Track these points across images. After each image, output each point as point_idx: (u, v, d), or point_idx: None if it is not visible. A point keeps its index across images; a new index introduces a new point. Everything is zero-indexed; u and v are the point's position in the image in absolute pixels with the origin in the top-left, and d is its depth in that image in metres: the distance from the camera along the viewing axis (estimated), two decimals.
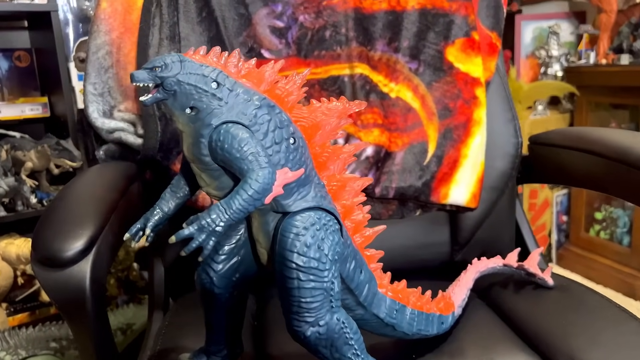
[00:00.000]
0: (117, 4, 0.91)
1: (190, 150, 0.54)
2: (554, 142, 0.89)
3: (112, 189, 0.66)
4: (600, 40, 2.15)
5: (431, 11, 0.94)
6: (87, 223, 0.56)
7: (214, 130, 0.52)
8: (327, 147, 0.59)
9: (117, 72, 0.90)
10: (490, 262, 0.86)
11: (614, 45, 2.11)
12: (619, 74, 2.00)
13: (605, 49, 2.13)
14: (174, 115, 0.54)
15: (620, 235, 2.15)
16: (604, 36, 2.14)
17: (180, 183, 0.60)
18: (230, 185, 0.55)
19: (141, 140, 0.85)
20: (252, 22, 0.92)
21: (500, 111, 0.96)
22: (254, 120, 0.53)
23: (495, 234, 1.00)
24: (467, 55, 0.93)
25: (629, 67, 1.98)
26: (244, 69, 0.56)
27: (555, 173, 0.90)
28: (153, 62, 0.52)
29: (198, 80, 0.52)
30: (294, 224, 0.55)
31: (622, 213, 2.15)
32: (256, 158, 0.51)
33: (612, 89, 2.09)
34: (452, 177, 0.91)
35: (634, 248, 2.04)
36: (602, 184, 0.81)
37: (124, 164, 0.81)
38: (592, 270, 2.18)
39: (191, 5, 0.90)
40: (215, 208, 0.51)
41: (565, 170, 0.87)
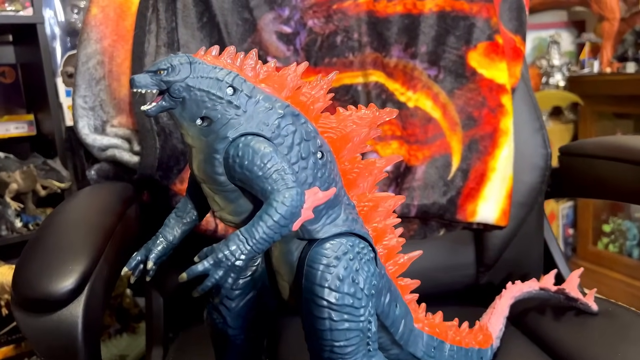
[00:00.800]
0: (109, 10, 0.83)
1: (202, 169, 0.46)
2: (589, 153, 0.81)
3: (107, 214, 0.58)
4: (603, 49, 2.10)
5: (450, 14, 0.87)
6: (78, 256, 0.47)
7: (230, 144, 0.44)
8: (358, 161, 0.51)
9: (110, 83, 0.82)
10: (525, 286, 0.78)
11: (618, 53, 2.07)
12: (625, 82, 1.95)
13: (609, 57, 2.08)
14: (182, 127, 0.45)
15: (630, 248, 2.08)
16: (607, 44, 2.09)
17: (186, 207, 0.52)
18: (249, 209, 0.46)
19: (137, 158, 0.76)
20: (257, 28, 0.84)
21: (527, 120, 0.89)
22: (277, 131, 0.45)
23: (523, 253, 0.92)
24: (491, 60, 0.86)
25: (635, 75, 1.93)
26: (263, 73, 0.48)
27: (590, 186, 0.83)
28: (157, 64, 0.44)
29: (211, 85, 0.44)
30: (323, 253, 0.47)
31: (631, 225, 2.09)
32: (282, 176, 0.43)
33: (617, 98, 2.04)
34: (479, 193, 0.83)
35: None
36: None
37: (119, 184, 0.72)
38: (601, 285, 2.11)
39: (191, 9, 0.82)
40: (234, 238, 0.42)
41: (602, 183, 0.80)
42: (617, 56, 2.06)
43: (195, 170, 0.47)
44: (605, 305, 0.76)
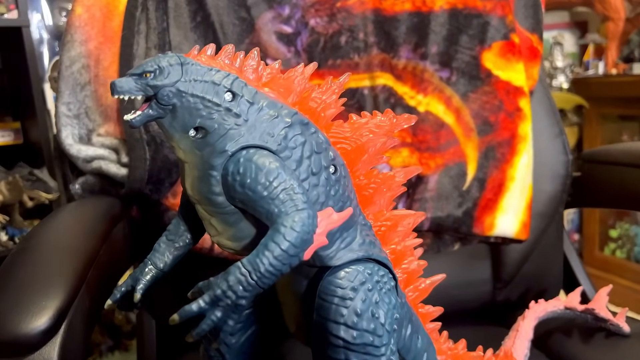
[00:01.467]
0: (94, 10, 0.76)
1: (196, 188, 0.39)
2: (616, 160, 0.75)
3: (90, 235, 0.51)
4: (608, 50, 2.05)
5: (463, 11, 0.81)
6: (53, 289, 0.40)
7: (229, 159, 0.38)
8: (375, 175, 0.45)
9: (96, 89, 0.75)
10: (549, 306, 0.72)
11: (624, 54, 2.01)
12: (632, 84, 1.90)
13: (614, 58, 2.03)
14: (173, 139, 0.39)
15: (638, 254, 2.03)
16: (612, 45, 2.04)
17: (179, 229, 0.45)
18: (251, 233, 0.40)
19: (126, 170, 0.70)
20: (255, 28, 0.78)
21: (546, 125, 0.83)
22: (283, 143, 0.39)
23: (542, 268, 0.86)
24: (507, 60, 0.80)
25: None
26: (266, 75, 0.41)
27: (617, 195, 0.77)
28: (143, 66, 0.38)
29: (206, 90, 0.38)
30: (337, 283, 0.41)
31: (639, 230, 2.03)
32: (290, 196, 0.37)
33: (622, 100, 1.98)
34: (497, 204, 0.77)
35: None
36: None
37: (105, 200, 0.66)
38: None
39: (183, 8, 0.75)
40: (234, 271, 0.36)
41: (632, 193, 0.74)
42: (623, 57, 2.01)
43: (188, 189, 0.40)
44: (638, 326, 0.69)
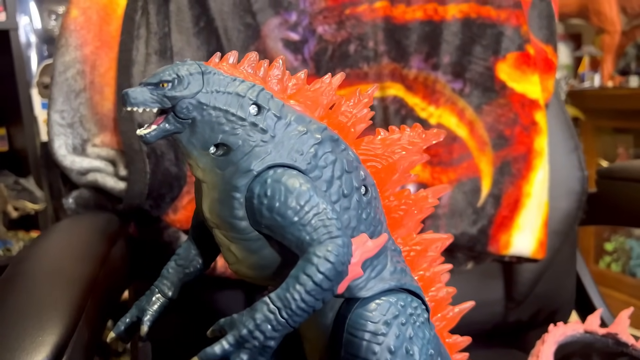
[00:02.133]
0: (91, 12, 0.72)
1: (215, 211, 0.35)
2: (636, 177, 0.72)
3: (88, 258, 0.47)
4: (604, 62, 2.05)
5: (476, 21, 0.78)
6: (51, 321, 0.36)
7: (254, 180, 0.34)
8: (406, 196, 0.41)
9: (91, 96, 0.71)
10: (569, 329, 0.68)
11: (620, 67, 2.01)
12: (628, 97, 1.89)
13: (610, 71, 2.02)
14: (191, 156, 0.35)
15: (633, 267, 2.01)
16: (608, 58, 2.03)
17: (189, 253, 0.41)
18: (275, 262, 0.36)
19: (124, 184, 0.65)
20: (260, 34, 0.74)
21: (561, 139, 0.80)
22: (313, 162, 0.35)
23: (555, 288, 0.83)
24: (522, 72, 0.77)
25: (638, 89, 1.88)
26: (291, 87, 0.37)
27: (636, 213, 0.74)
28: (160, 74, 0.34)
29: (230, 103, 0.34)
30: (368, 317, 0.37)
31: (635, 243, 2.02)
32: (324, 222, 0.33)
33: (618, 113, 1.98)
34: (513, 222, 0.74)
35: None
36: None
37: (102, 216, 0.61)
38: None
39: (185, 13, 0.71)
40: (262, 307, 0.32)
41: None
42: (619, 70, 2.01)
43: (206, 212, 0.36)
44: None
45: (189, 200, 0.67)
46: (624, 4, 1.97)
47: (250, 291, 0.72)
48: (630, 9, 1.99)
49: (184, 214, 0.66)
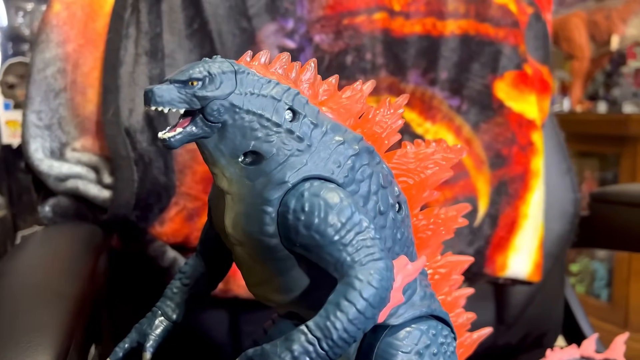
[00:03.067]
0: (75, 8, 0.67)
1: (241, 226, 0.32)
2: (631, 201, 0.72)
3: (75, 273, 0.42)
4: (573, 87, 2.10)
5: (474, 38, 0.77)
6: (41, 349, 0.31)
7: (288, 193, 0.30)
8: (436, 215, 0.38)
9: (72, 96, 0.66)
10: (565, 355, 0.67)
11: (588, 92, 2.06)
12: (596, 122, 1.94)
13: (579, 96, 2.07)
14: (217, 165, 0.31)
15: (598, 289, 2.05)
16: (577, 83, 2.08)
17: (196, 272, 0.37)
18: (303, 285, 0.32)
19: (109, 192, 0.60)
20: (255, 40, 0.71)
21: (555, 161, 0.79)
22: (350, 175, 0.32)
23: (544, 311, 0.82)
24: (519, 91, 0.76)
25: (606, 115, 1.93)
26: (322, 92, 0.34)
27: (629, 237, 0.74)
28: (188, 71, 0.30)
29: (265, 106, 0.31)
30: (398, 346, 0.34)
31: (599, 265, 2.06)
32: (365, 243, 0.30)
33: (585, 137, 2.02)
34: (510, 243, 0.72)
35: (613, 303, 1.93)
36: None
37: (84, 227, 0.56)
38: None
39: (178, 13, 0.67)
40: (299, 337, 0.28)
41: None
42: (588, 95, 2.06)
43: (228, 227, 0.33)
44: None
45: (176, 211, 0.63)
46: (593, 32, 2.03)
47: (235, 312, 0.68)
48: (598, 37, 2.04)
49: (171, 226, 0.62)
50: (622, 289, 1.89)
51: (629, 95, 1.93)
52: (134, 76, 0.64)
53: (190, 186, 0.63)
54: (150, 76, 0.64)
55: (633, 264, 1.83)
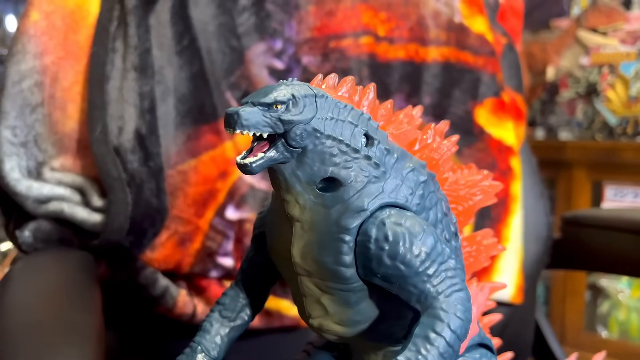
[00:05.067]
0: (55, 18, 0.63)
1: (312, 256, 0.30)
2: (602, 224, 0.76)
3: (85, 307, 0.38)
4: None
5: (455, 65, 0.79)
6: None
7: (367, 220, 0.29)
8: (478, 242, 0.38)
9: (50, 112, 0.61)
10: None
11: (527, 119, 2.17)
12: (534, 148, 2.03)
13: None
14: (291, 191, 0.30)
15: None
16: None
17: (237, 303, 0.35)
18: (371, 317, 0.31)
19: (100, 216, 0.56)
20: (244, 59, 0.69)
21: (530, 185, 0.82)
22: (422, 202, 0.31)
23: (519, 332, 0.83)
24: (498, 118, 0.79)
25: (543, 141, 2.03)
26: (381, 116, 0.34)
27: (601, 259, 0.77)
28: (272, 94, 0.28)
29: (343, 131, 0.30)
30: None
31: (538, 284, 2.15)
32: (448, 273, 0.29)
33: None
34: (493, 266, 0.74)
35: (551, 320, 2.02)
36: None
37: (77, 255, 0.52)
38: None
39: (167, 28, 0.65)
40: None
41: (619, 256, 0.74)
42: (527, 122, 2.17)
43: (295, 257, 0.31)
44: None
45: (167, 236, 0.59)
46: (530, 63, 2.15)
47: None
48: (534, 68, 2.17)
49: (162, 252, 0.58)
50: (558, 307, 1.97)
51: (563, 122, 2.05)
52: (122, 92, 0.60)
53: (182, 209, 0.60)
54: (140, 93, 0.61)
55: (568, 284, 1.93)
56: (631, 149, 1.81)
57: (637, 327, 1.88)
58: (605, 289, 1.94)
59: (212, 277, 0.62)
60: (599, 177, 1.86)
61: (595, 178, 1.87)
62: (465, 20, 0.80)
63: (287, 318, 0.66)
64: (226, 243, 0.63)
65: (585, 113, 2.00)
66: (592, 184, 1.86)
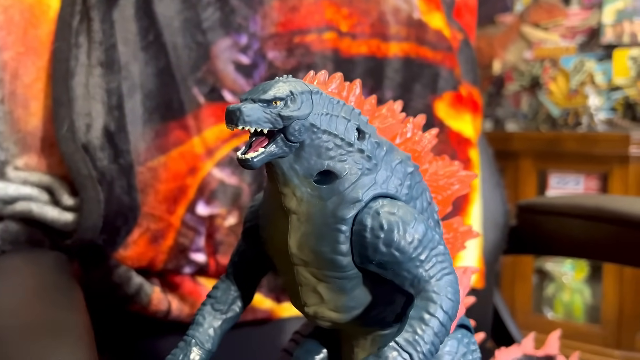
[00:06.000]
0: (13, 12, 0.61)
1: (309, 246, 0.31)
2: (555, 210, 0.80)
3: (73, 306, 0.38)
4: None
5: (415, 61, 0.82)
6: None
7: (363, 211, 0.30)
8: (455, 229, 0.41)
9: (11, 109, 0.60)
10: (510, 353, 0.72)
11: None
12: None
13: None
14: (288, 185, 0.31)
15: None
16: None
17: (228, 295, 0.36)
18: (365, 302, 0.33)
19: (71, 215, 0.55)
20: (210, 55, 0.69)
21: (487, 175, 0.86)
22: (410, 193, 0.33)
23: (480, 315, 0.87)
24: (457, 111, 0.82)
25: (491, 133, 2.11)
26: (366, 111, 0.35)
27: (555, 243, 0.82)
28: (271, 89, 0.29)
29: (338, 126, 0.31)
30: (439, 356, 0.35)
31: None
32: (437, 258, 0.31)
33: None
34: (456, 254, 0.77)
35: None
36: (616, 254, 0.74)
37: (50, 255, 0.51)
38: None
39: (131, 24, 0.64)
40: (392, 354, 0.29)
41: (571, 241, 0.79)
42: None
43: (292, 248, 0.32)
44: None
45: (140, 233, 0.59)
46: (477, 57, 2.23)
47: None
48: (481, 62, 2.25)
49: (135, 249, 0.58)
50: (508, 291, 2.06)
51: (510, 114, 2.13)
52: (88, 88, 0.59)
53: (154, 206, 0.60)
54: (107, 89, 0.60)
55: (517, 269, 2.01)
56: (572, 139, 1.91)
57: (580, 308, 1.99)
58: (551, 272, 2.04)
59: (186, 273, 0.62)
60: (543, 166, 1.95)
61: (540, 167, 1.95)
62: (424, 17, 0.83)
63: (259, 311, 0.67)
64: (198, 239, 0.63)
65: (530, 105, 2.09)
66: (537, 173, 1.95)
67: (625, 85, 1.90)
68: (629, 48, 1.88)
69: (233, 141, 0.69)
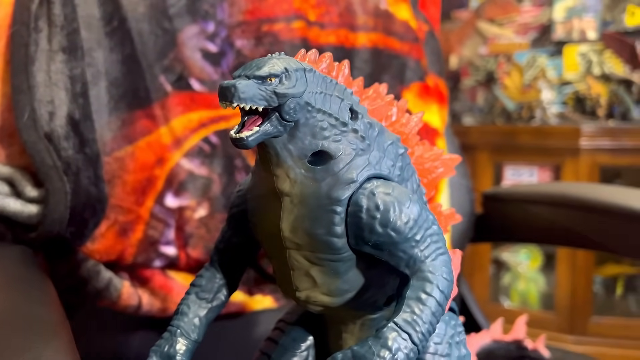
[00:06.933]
0: None
1: (302, 229, 0.30)
2: (519, 198, 0.82)
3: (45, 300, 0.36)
4: None
5: (383, 52, 0.82)
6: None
7: (358, 192, 0.30)
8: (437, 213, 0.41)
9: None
10: (480, 339, 0.74)
11: None
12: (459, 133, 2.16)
13: None
14: (282, 165, 0.30)
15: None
16: None
17: (213, 283, 0.35)
18: (357, 285, 0.32)
19: (35, 207, 0.52)
20: (177, 42, 0.67)
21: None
22: (401, 174, 0.33)
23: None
24: (424, 101, 0.83)
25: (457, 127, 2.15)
26: (355, 92, 0.35)
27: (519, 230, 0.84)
28: (264, 66, 0.28)
29: (332, 105, 0.30)
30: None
31: None
32: (432, 238, 0.31)
33: None
34: None
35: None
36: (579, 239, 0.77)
37: (14, 249, 0.48)
38: None
39: (94, 7, 0.61)
40: (391, 334, 0.28)
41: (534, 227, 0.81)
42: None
43: (285, 231, 0.31)
44: (555, 353, 0.75)
45: (107, 226, 0.56)
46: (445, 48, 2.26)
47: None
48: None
49: (103, 243, 0.56)
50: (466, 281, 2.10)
51: (466, 108, 2.18)
52: (50, 75, 0.57)
53: (122, 198, 0.58)
54: (70, 76, 0.57)
55: (475, 259, 2.06)
56: (526, 132, 1.96)
57: (535, 296, 2.06)
58: (507, 262, 2.09)
59: (156, 266, 0.60)
60: (499, 158, 2.00)
61: (496, 159, 2.00)
62: (390, 7, 0.83)
63: (231, 304, 0.66)
64: (168, 231, 0.61)
65: (485, 99, 2.14)
66: (493, 165, 2.00)
67: (575, 80, 1.97)
68: (578, 44, 1.95)
69: (202, 131, 0.67)
